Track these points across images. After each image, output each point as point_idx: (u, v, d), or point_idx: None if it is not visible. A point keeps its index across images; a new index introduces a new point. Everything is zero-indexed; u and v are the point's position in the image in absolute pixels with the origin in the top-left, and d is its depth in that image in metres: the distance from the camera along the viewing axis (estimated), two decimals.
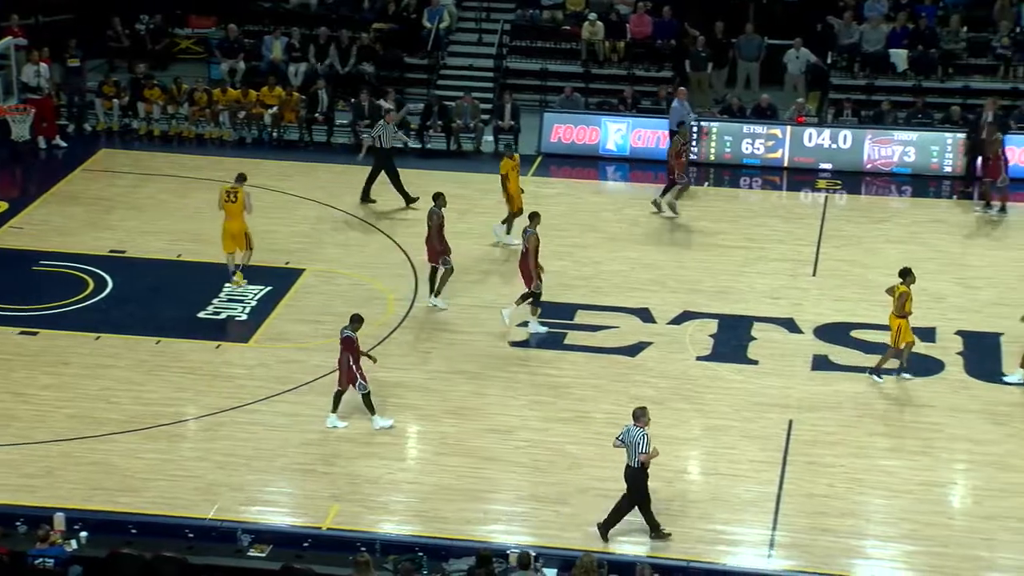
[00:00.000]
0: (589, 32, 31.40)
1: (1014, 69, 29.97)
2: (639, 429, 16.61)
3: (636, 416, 16.72)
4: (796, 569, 16.37)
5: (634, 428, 16.65)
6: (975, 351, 21.00)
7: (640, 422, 16.65)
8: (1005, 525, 17.11)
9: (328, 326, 22.00)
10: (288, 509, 17.82)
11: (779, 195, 27.51)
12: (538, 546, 16.51)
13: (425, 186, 27.30)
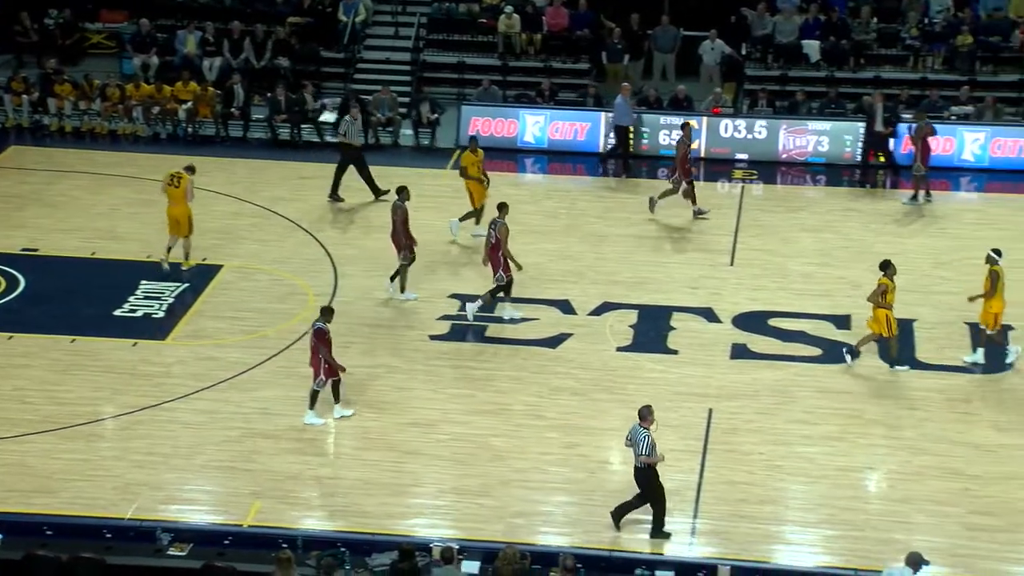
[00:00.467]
0: (505, 25, 31.41)
1: (923, 59, 30.38)
2: (643, 429, 16.62)
3: (642, 416, 16.73)
4: (717, 556, 16.48)
5: (639, 428, 16.67)
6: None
7: (645, 422, 16.66)
8: (920, 508, 17.38)
9: (246, 322, 21.90)
10: (208, 507, 17.68)
11: (696, 185, 27.66)
12: (461, 539, 16.53)
13: (345, 180, 27.28)
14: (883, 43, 30.81)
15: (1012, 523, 17.07)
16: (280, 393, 19.94)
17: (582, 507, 17.50)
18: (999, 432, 18.88)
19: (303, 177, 27.33)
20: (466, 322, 21.73)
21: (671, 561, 16.38)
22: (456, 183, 25.64)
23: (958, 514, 17.21)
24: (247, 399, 19.80)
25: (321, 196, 26.45)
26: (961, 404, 19.60)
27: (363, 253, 24.20)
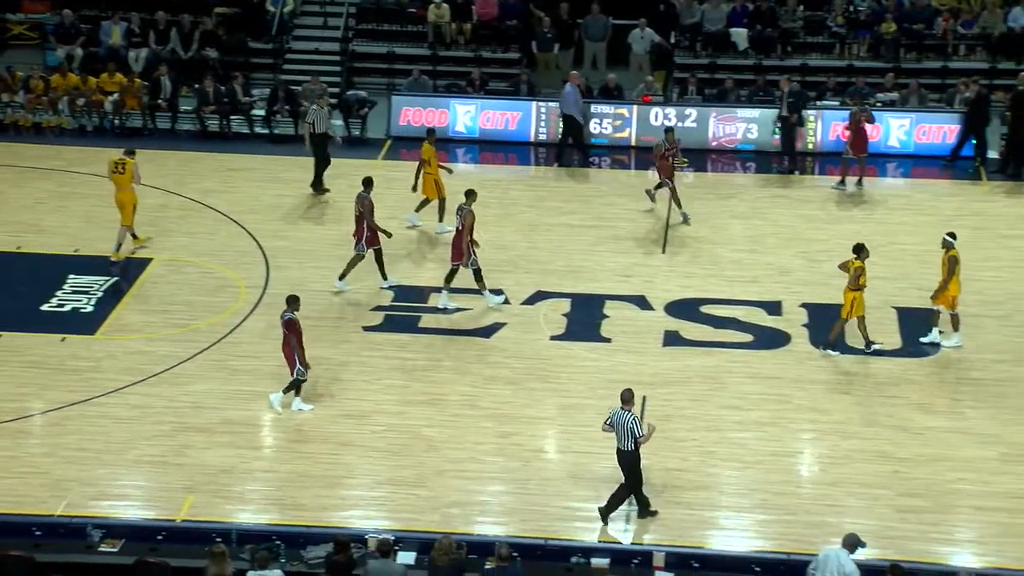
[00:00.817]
0: (435, 14, 31.33)
1: (849, 47, 30.66)
2: (627, 412, 16.67)
3: (624, 399, 16.77)
4: (652, 542, 16.58)
5: (622, 411, 16.70)
6: (819, 323, 21.44)
7: (628, 404, 16.72)
8: (850, 491, 17.56)
9: (177, 316, 21.73)
10: (141, 502, 17.55)
11: (627, 174, 27.76)
12: (396, 530, 16.51)
13: (276, 172, 27.18)
14: (809, 31, 31.07)
15: (940, 504, 17.31)
16: (212, 387, 19.81)
17: (517, 496, 17.54)
18: (925, 415, 19.11)
19: (232, 169, 27.11)
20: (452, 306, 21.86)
21: (606, 548, 16.46)
22: (385, 174, 25.57)
23: (887, 496, 17.42)
24: (179, 393, 19.64)
25: (250, 187, 26.29)
26: (889, 388, 19.80)
27: (295, 245, 24.08)
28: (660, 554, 16.11)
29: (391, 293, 22.30)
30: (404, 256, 23.62)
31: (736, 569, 16.14)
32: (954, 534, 16.97)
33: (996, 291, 22.13)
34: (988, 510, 17.21)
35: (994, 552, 16.51)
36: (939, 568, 15.89)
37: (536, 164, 28.52)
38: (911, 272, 22.63)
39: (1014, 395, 19.55)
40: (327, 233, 24.53)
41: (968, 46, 30.33)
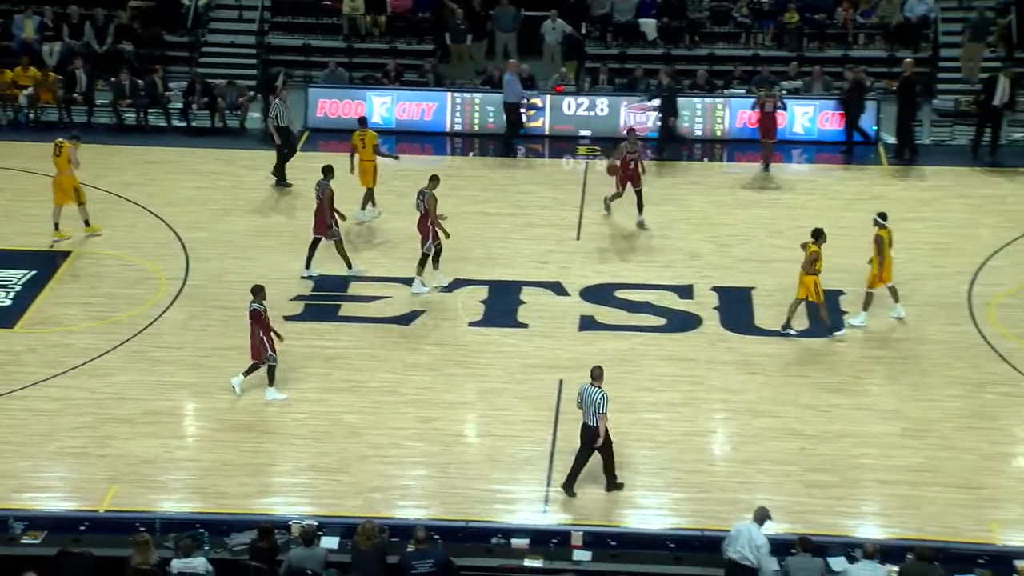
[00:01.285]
0: (350, 7, 31.21)
1: (754, 36, 30.98)
2: (597, 389, 16.85)
3: (594, 376, 16.99)
4: (570, 523, 16.67)
5: (591, 388, 16.89)
6: (729, 305, 21.68)
7: (598, 381, 16.92)
8: (761, 468, 17.78)
9: (97, 308, 21.51)
10: (63, 493, 17.36)
11: (542, 163, 27.85)
12: (319, 515, 16.48)
13: (194, 164, 26.95)
14: (716, 21, 31.34)
15: (845, 479, 17.58)
16: (134, 378, 19.64)
17: (438, 480, 17.58)
18: (831, 393, 19.37)
19: (150, 162, 26.85)
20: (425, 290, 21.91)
21: (525, 529, 16.51)
22: (304, 164, 25.49)
23: (796, 472, 17.66)
24: (100, 384, 19.46)
25: (169, 180, 26.05)
26: (797, 367, 20.06)
27: (214, 236, 23.91)
28: (578, 533, 16.20)
29: (311, 283, 22.20)
30: (327, 246, 23.55)
31: (652, 546, 16.25)
32: (859, 507, 17.25)
33: (896, 272, 22.38)
34: (891, 483, 17.52)
35: (897, 523, 16.81)
36: (845, 540, 16.09)
37: (452, 154, 28.52)
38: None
39: (914, 372, 19.91)
40: (247, 224, 24.39)
41: (867, 35, 30.76)
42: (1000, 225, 24.12)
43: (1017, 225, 24.01)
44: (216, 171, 26.33)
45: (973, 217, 24.66)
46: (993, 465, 17.92)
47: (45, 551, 15.62)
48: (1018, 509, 17.13)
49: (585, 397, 16.99)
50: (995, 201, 25.30)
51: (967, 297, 21.79)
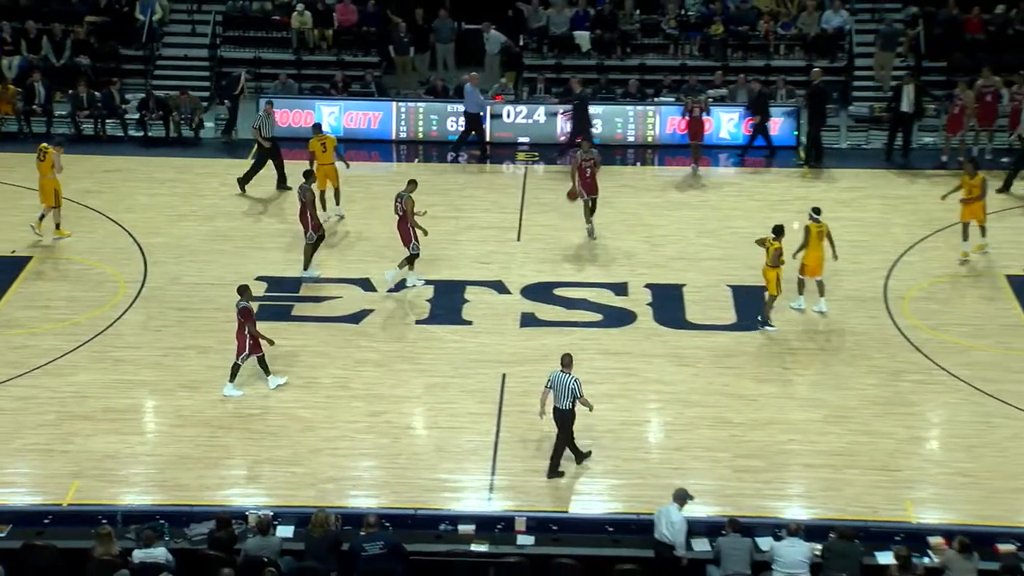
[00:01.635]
0: (299, 21, 31.08)
1: (681, 47, 31.14)
2: (567, 374, 16.95)
3: (564, 363, 17.12)
4: (514, 509, 16.70)
5: (562, 374, 17.00)
6: (662, 302, 21.78)
7: (569, 368, 17.03)
8: (693, 454, 17.88)
9: (59, 311, 21.31)
10: (27, 488, 17.19)
11: (483, 167, 27.84)
12: (275, 505, 16.44)
13: (151, 172, 26.73)
14: (646, 33, 31.45)
15: (772, 464, 17.73)
16: (94, 377, 19.48)
17: (388, 470, 17.56)
18: (759, 383, 19.51)
19: (108, 170, 26.62)
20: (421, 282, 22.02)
21: (472, 515, 16.54)
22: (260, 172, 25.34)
23: (726, 458, 17.78)
24: (62, 384, 19.27)
25: (126, 187, 25.82)
26: (726, 359, 20.16)
27: (171, 241, 23.72)
28: (521, 519, 16.25)
29: (264, 285, 22.09)
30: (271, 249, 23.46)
31: (591, 530, 16.35)
32: (785, 489, 17.39)
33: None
34: (815, 467, 17.68)
35: (820, 504, 16.98)
36: (772, 520, 16.24)
37: (398, 160, 28.46)
38: (742, 253, 23.08)
39: (835, 362, 20.10)
40: (202, 230, 24.22)
41: (787, 46, 31.00)
42: (912, 224, 24.40)
43: (928, 224, 24.29)
44: (172, 179, 26.14)
45: (887, 216, 24.93)
46: (909, 448, 18.13)
47: (10, 544, 15.49)
48: (931, 489, 17.35)
49: (557, 383, 17.07)
50: (907, 201, 25.58)
51: (883, 292, 22.03)
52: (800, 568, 14.97)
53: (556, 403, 17.12)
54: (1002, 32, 30.13)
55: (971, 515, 16.64)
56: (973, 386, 19.30)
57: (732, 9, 31.46)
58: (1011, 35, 30.12)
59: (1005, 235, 23.70)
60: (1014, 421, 18.56)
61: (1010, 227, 24.12)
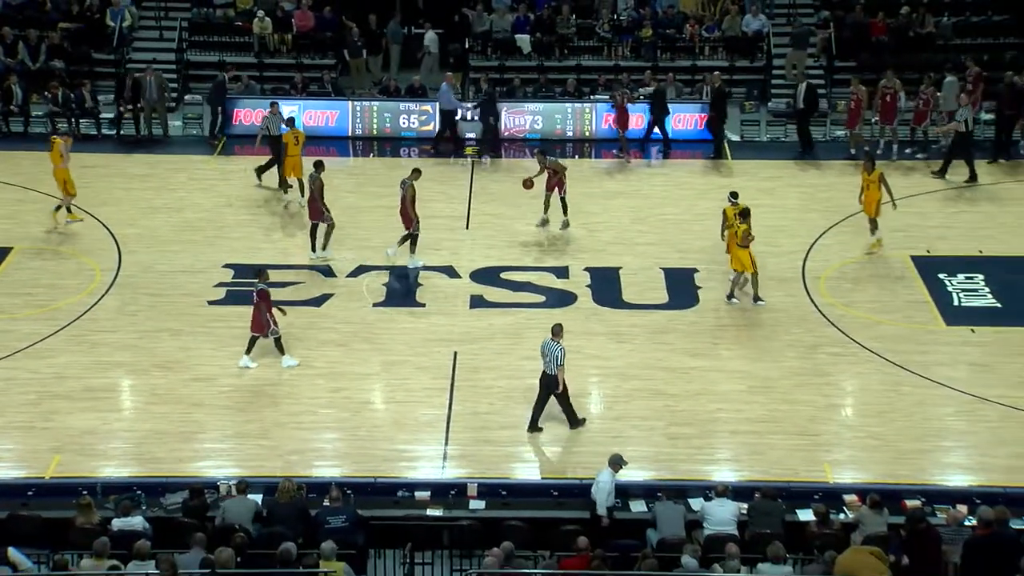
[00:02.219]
0: (259, 27, 30.74)
1: (614, 49, 31.12)
2: (555, 343, 17.09)
3: (554, 332, 17.36)
4: (466, 476, 16.70)
5: (551, 342, 17.16)
6: (600, 283, 21.79)
7: (558, 336, 17.27)
8: (630, 423, 17.95)
9: (39, 297, 21.01)
10: (11, 463, 16.98)
11: (434, 161, 27.66)
12: (244, 475, 16.30)
13: (124, 168, 26.38)
14: (581, 36, 31.38)
15: (703, 431, 17.83)
16: (73, 359, 19.24)
17: (349, 442, 17.50)
18: (691, 357, 19.57)
19: (83, 166, 26.07)
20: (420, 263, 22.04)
21: (427, 482, 16.54)
22: (222, 167, 25.10)
23: (661, 427, 17.86)
24: (43, 366, 19.01)
25: (101, 182, 25.45)
26: (660, 336, 20.21)
27: (143, 232, 23.43)
28: (473, 485, 16.29)
29: (232, 271, 21.89)
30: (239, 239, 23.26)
31: (537, 494, 16.41)
32: (714, 454, 17.51)
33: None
34: (741, 433, 17.80)
35: (746, 467, 17.13)
36: (703, 483, 16.33)
37: (354, 155, 28.25)
38: (672, 238, 23.21)
39: (759, 338, 20.23)
40: (172, 221, 23.94)
41: (711, 47, 31.08)
42: (827, 210, 24.53)
43: (840, 210, 24.43)
44: (143, 174, 25.81)
45: (804, 203, 25.06)
46: (826, 415, 18.31)
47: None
48: (847, 451, 17.54)
49: (546, 350, 17.23)
50: (822, 189, 25.73)
51: (801, 272, 22.18)
52: (728, 526, 15.06)
53: (544, 368, 17.29)
54: (904, 34, 30.40)
55: (882, 474, 16.84)
56: (883, 357, 19.50)
57: (660, 14, 31.48)
58: (912, 37, 30.39)
59: (911, 219, 23.92)
60: (919, 389, 18.78)
61: (916, 211, 24.34)
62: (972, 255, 22.67)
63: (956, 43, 30.40)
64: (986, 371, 19.21)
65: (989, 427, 17.92)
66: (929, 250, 22.85)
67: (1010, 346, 19.87)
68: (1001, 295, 21.36)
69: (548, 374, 17.30)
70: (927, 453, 17.41)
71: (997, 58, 29.69)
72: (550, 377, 17.30)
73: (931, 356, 19.57)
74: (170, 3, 31.81)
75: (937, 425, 18.02)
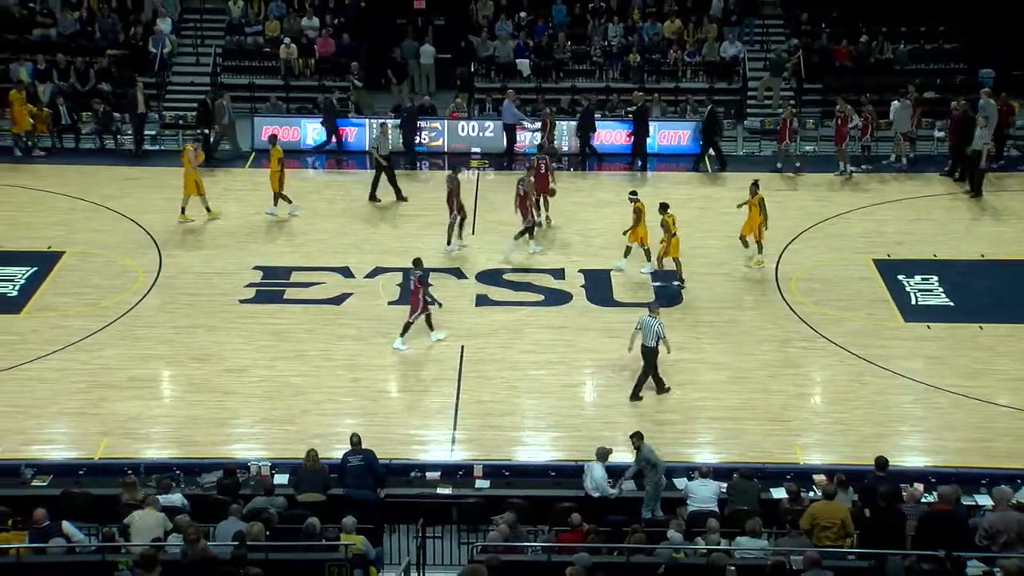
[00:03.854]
0: (286, 53, 30.70)
1: (606, 72, 31.08)
2: (653, 319, 17.71)
3: (651, 309, 18.11)
4: (472, 458, 16.68)
5: (649, 318, 17.79)
6: (593, 284, 21.73)
7: (654, 313, 17.92)
8: (621, 411, 17.91)
9: (88, 296, 20.99)
10: (64, 445, 17.01)
11: (443, 173, 27.57)
12: (272, 458, 16.30)
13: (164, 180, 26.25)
14: (576, 60, 31.33)
15: (687, 418, 17.83)
16: (119, 352, 19.23)
17: (367, 427, 17.35)
18: (676, 350, 19.29)
19: (129, 179, 26.21)
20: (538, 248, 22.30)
21: (437, 464, 16.54)
22: (252, 179, 25.06)
23: (649, 413, 17.82)
24: (92, 358, 19.00)
25: (143, 192, 25.41)
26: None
27: (183, 237, 23.39)
28: (479, 466, 16.26)
29: (260, 273, 21.84)
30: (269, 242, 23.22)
31: (537, 475, 16.40)
32: (696, 438, 17.49)
33: (719, 255, 22.76)
34: (720, 419, 17.78)
35: (724, 450, 17.13)
36: (686, 465, 16.31)
37: (371, 168, 28.10)
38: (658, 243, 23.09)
39: (736, 333, 20.18)
40: (208, 228, 23.89)
41: (692, 70, 31.03)
42: (796, 218, 24.47)
43: (809, 217, 24.41)
44: (181, 185, 25.67)
45: (777, 212, 24.87)
46: (797, 403, 18.29)
47: (51, 491, 15.29)
48: (816, 436, 17.53)
49: (645, 326, 17.67)
50: (792, 198, 25.68)
51: (775, 274, 22.14)
52: (710, 503, 15.03)
53: (644, 341, 17.63)
54: (865, 60, 30.37)
55: (847, 456, 16.83)
56: (848, 351, 19.47)
57: (647, 40, 31.42)
58: (872, 62, 30.36)
59: (872, 226, 23.94)
60: (880, 379, 18.76)
61: (877, 220, 24.33)
62: (927, 259, 22.63)
63: (911, 68, 30.39)
64: (940, 363, 19.18)
65: (942, 414, 17.91)
66: (889, 254, 22.83)
67: (962, 341, 19.84)
68: (953, 295, 21.34)
69: (647, 347, 17.56)
70: (887, 437, 17.37)
71: (947, 82, 29.70)
72: (649, 349, 17.54)
73: (891, 350, 19.54)
74: (206, 32, 31.79)
75: (896, 412, 18.00)
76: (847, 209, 22.81)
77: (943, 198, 25.58)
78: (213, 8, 32.24)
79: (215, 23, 31.91)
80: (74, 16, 31.02)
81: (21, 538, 13.38)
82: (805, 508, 14.61)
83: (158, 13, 31.00)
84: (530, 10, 31.81)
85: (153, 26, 30.75)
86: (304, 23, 31.43)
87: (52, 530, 13.33)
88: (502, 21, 31.54)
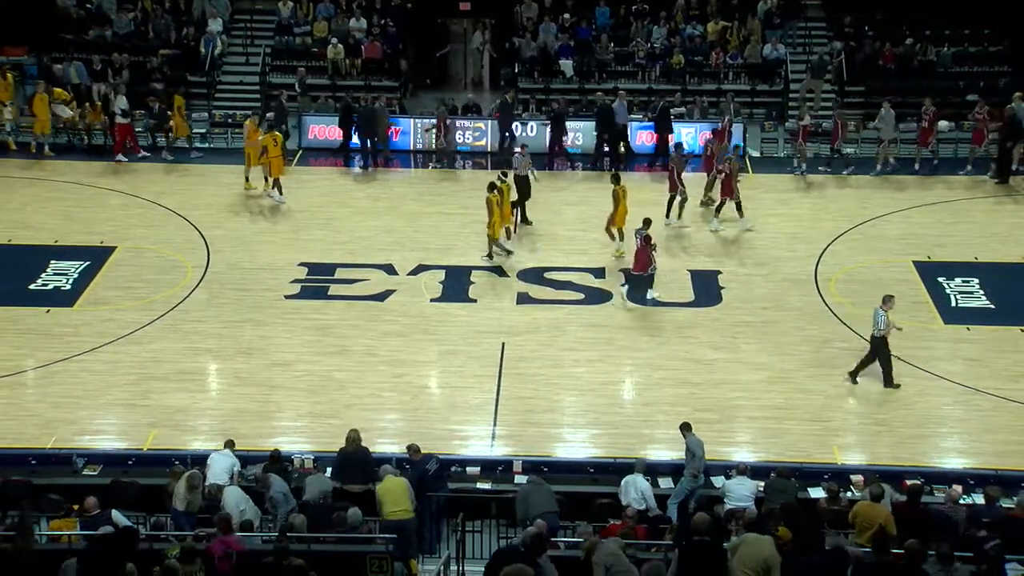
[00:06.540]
0: (333, 53, 30.85)
1: (647, 73, 30.95)
2: (881, 311, 17.81)
3: (884, 301, 17.98)
4: (512, 454, 16.67)
5: (880, 310, 17.85)
6: (634, 284, 21.61)
7: (886, 305, 17.92)
8: (659, 409, 17.83)
9: (138, 291, 21.20)
10: (114, 436, 17.17)
11: (486, 173, 27.61)
12: (316, 451, 16.35)
13: (214, 177, 26.48)
14: (619, 62, 31.23)
15: (724, 416, 17.69)
16: (168, 345, 19.38)
17: (408, 422, 17.49)
18: (714, 350, 19.42)
19: (179, 175, 26.43)
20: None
21: (477, 459, 16.51)
22: (299, 177, 25.25)
23: (687, 412, 17.59)
24: (141, 351, 19.17)
25: (193, 190, 25.61)
26: (686, 331, 20.06)
27: (230, 234, 23.57)
28: (518, 462, 16.22)
29: (305, 269, 21.95)
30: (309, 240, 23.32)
31: (575, 471, 16.32)
32: (734, 437, 17.36)
33: (760, 255, 22.62)
34: (759, 419, 17.65)
35: (763, 449, 17.00)
36: (724, 463, 16.19)
37: (415, 167, 28.23)
38: (697, 243, 22.97)
39: (775, 333, 20.03)
40: (254, 225, 24.08)
41: (735, 72, 30.82)
42: (837, 219, 24.28)
43: (850, 218, 24.19)
44: (230, 182, 25.92)
45: (817, 213, 24.80)
46: (835, 403, 18.11)
47: (101, 481, 15.43)
48: (854, 436, 17.35)
49: (876, 317, 17.86)
50: (833, 200, 25.44)
51: (814, 274, 21.95)
52: (747, 501, 14.88)
53: (873, 331, 17.92)
54: (908, 62, 30.01)
55: (885, 457, 16.64)
56: None
57: (688, 42, 31.23)
58: (915, 66, 30.00)
59: (913, 229, 23.68)
60: (919, 380, 18.54)
61: (917, 222, 24.05)
62: (968, 261, 22.34)
63: (955, 71, 30.00)
64: (979, 365, 18.93)
65: (981, 416, 17.67)
66: (930, 256, 22.55)
67: (1001, 343, 19.57)
68: (994, 297, 21.04)
69: (875, 336, 17.79)
70: (926, 438, 17.18)
71: (993, 85, 29.27)
72: (876, 339, 17.78)
73: (930, 351, 19.31)
74: (255, 32, 31.99)
75: (935, 413, 17.78)
76: (888, 211, 22.59)
77: (986, 200, 25.24)
78: (263, 8, 32.43)
79: (265, 23, 32.08)
80: (128, 16, 31.33)
81: (72, 525, 13.55)
82: (844, 508, 14.46)
83: (209, 13, 31.23)
84: (574, 12, 31.72)
85: (205, 27, 30.99)
86: (352, 24, 31.56)
87: (102, 518, 13.46)
88: (546, 22, 31.46)
